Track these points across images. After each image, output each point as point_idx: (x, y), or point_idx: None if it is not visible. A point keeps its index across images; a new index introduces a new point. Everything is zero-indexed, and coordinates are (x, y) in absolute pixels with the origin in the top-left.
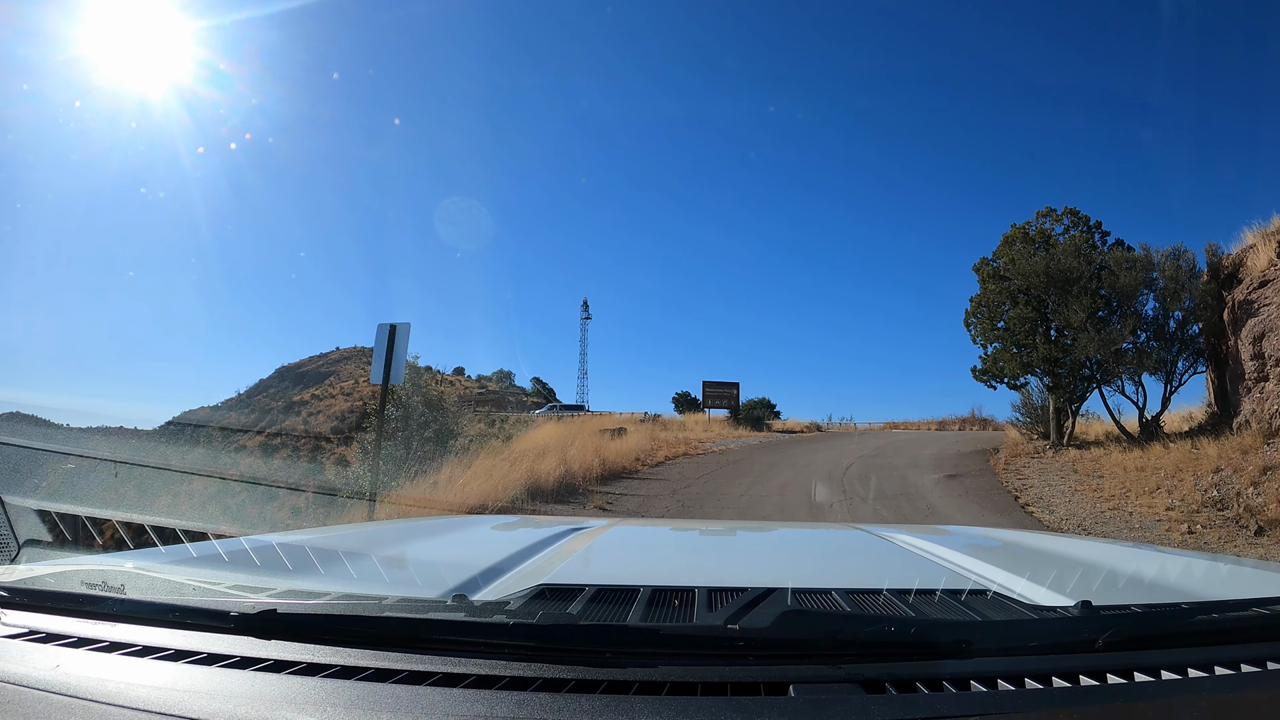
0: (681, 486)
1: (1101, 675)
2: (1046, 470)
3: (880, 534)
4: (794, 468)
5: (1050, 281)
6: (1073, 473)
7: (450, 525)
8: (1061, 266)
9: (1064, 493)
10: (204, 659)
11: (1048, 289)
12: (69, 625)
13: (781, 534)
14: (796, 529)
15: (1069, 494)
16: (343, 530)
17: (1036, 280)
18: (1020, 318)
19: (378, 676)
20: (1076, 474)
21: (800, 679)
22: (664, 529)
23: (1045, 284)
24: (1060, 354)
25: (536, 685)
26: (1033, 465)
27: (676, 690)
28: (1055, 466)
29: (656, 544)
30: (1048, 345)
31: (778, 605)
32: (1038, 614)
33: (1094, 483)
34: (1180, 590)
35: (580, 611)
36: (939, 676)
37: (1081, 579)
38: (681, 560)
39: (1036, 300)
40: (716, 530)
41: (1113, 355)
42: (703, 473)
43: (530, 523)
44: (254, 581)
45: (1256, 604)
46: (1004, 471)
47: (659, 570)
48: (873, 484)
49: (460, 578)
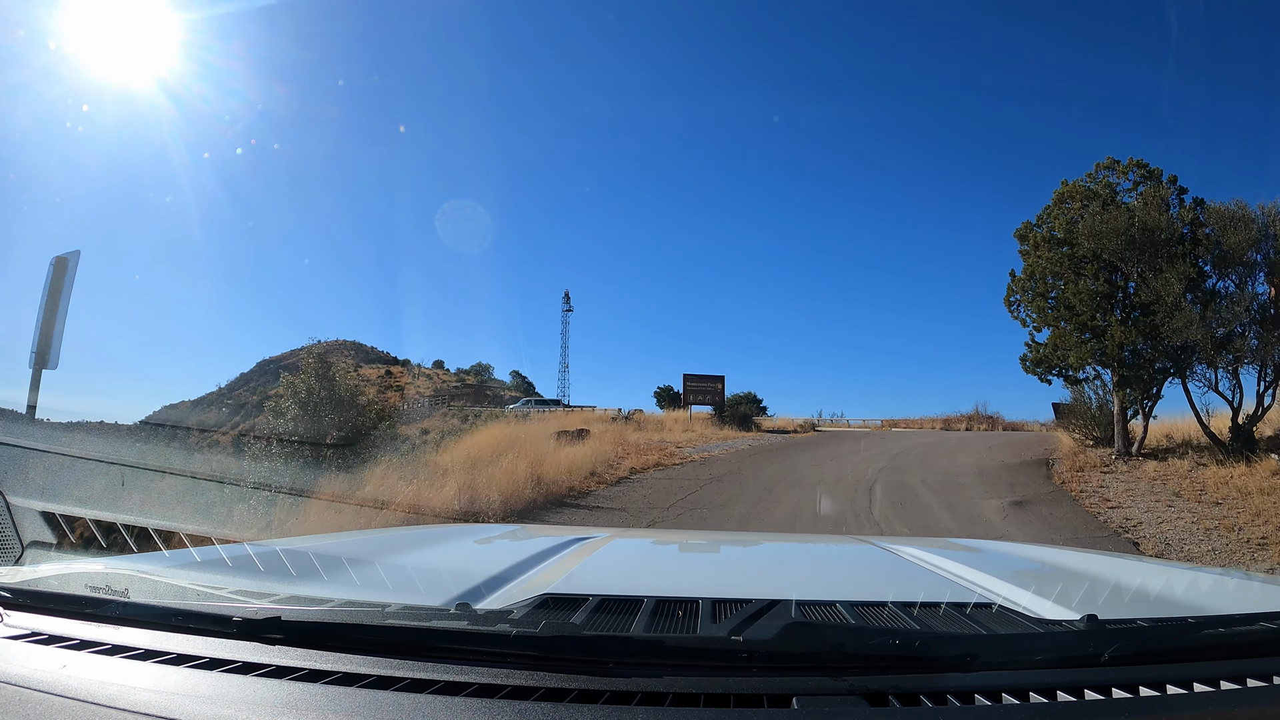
0: (644, 523)
1: (1107, 690)
2: (1134, 490)
3: (886, 547)
4: (799, 487)
5: (1130, 245)
6: (1173, 495)
7: (454, 533)
8: (1147, 225)
9: (1184, 528)
10: (206, 663)
11: (1126, 254)
12: (72, 628)
13: (786, 546)
14: (802, 541)
15: (1190, 528)
16: (347, 537)
17: (1112, 243)
18: (1086, 294)
19: (380, 684)
20: (1180, 497)
21: (803, 691)
22: (669, 539)
23: (1124, 248)
24: (1139, 338)
25: (539, 695)
26: (1110, 483)
27: (679, 701)
28: (1142, 485)
29: (661, 555)
30: (1125, 328)
31: (782, 617)
32: (1043, 627)
33: (1214, 512)
34: (1187, 604)
35: (584, 621)
36: (943, 690)
37: (1087, 593)
38: (686, 571)
39: (1109, 270)
40: (722, 541)
41: (1213, 341)
42: (676, 497)
43: (534, 532)
44: (257, 587)
45: (1264, 618)
46: (1081, 494)
47: (663, 581)
48: (915, 513)
49: (464, 586)
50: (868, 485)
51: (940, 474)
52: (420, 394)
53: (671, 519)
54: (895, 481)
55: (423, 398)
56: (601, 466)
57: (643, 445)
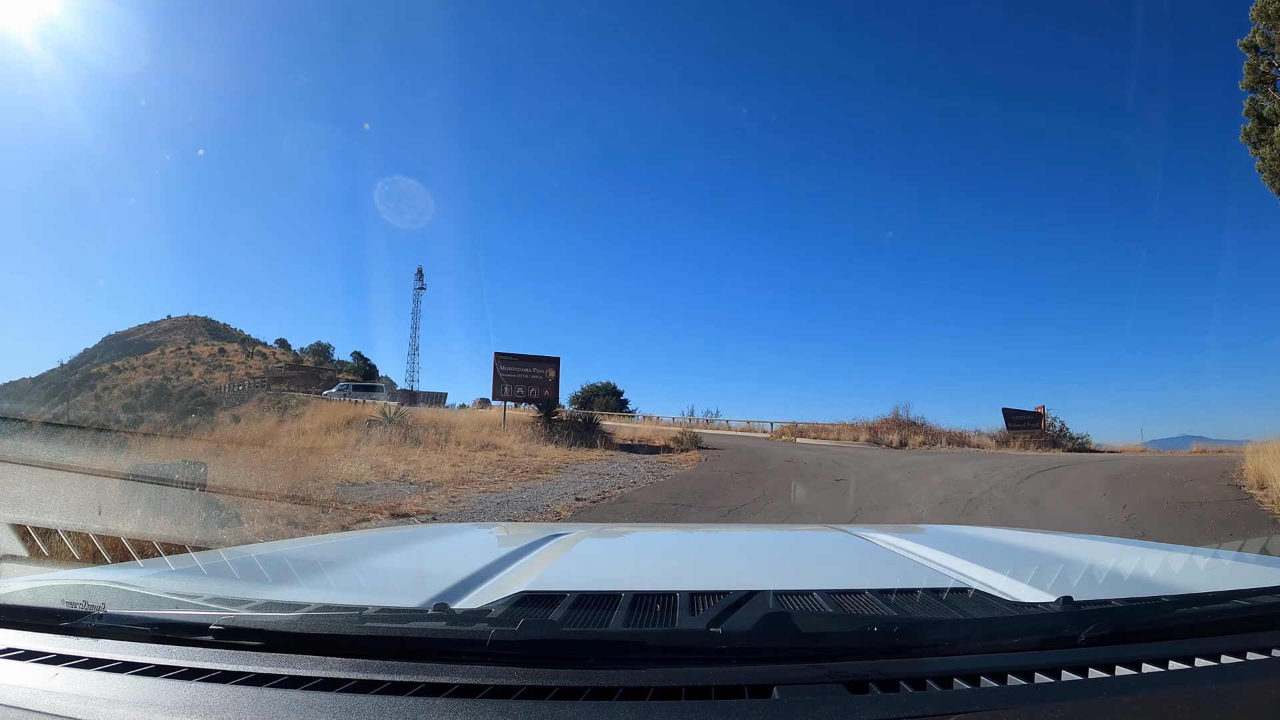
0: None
1: (1084, 670)
2: None
3: (861, 535)
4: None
5: None
6: None
7: (430, 533)
8: None
9: None
10: (184, 673)
11: None
12: (46, 642)
13: (762, 536)
14: (777, 531)
15: None
16: (322, 540)
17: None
18: None
19: (360, 687)
20: None
21: (784, 680)
22: (645, 534)
23: None
24: None
25: (520, 693)
26: None
27: (661, 695)
28: None
29: (637, 549)
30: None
31: (760, 607)
32: (1019, 611)
33: None
34: (1161, 584)
35: (562, 618)
36: (922, 675)
37: (1062, 575)
38: (663, 565)
39: None
40: (697, 534)
41: None
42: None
43: (511, 530)
44: (233, 593)
45: (1236, 595)
46: None
47: (640, 575)
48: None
49: (441, 586)
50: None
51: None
52: (250, 375)
53: None
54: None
55: (251, 379)
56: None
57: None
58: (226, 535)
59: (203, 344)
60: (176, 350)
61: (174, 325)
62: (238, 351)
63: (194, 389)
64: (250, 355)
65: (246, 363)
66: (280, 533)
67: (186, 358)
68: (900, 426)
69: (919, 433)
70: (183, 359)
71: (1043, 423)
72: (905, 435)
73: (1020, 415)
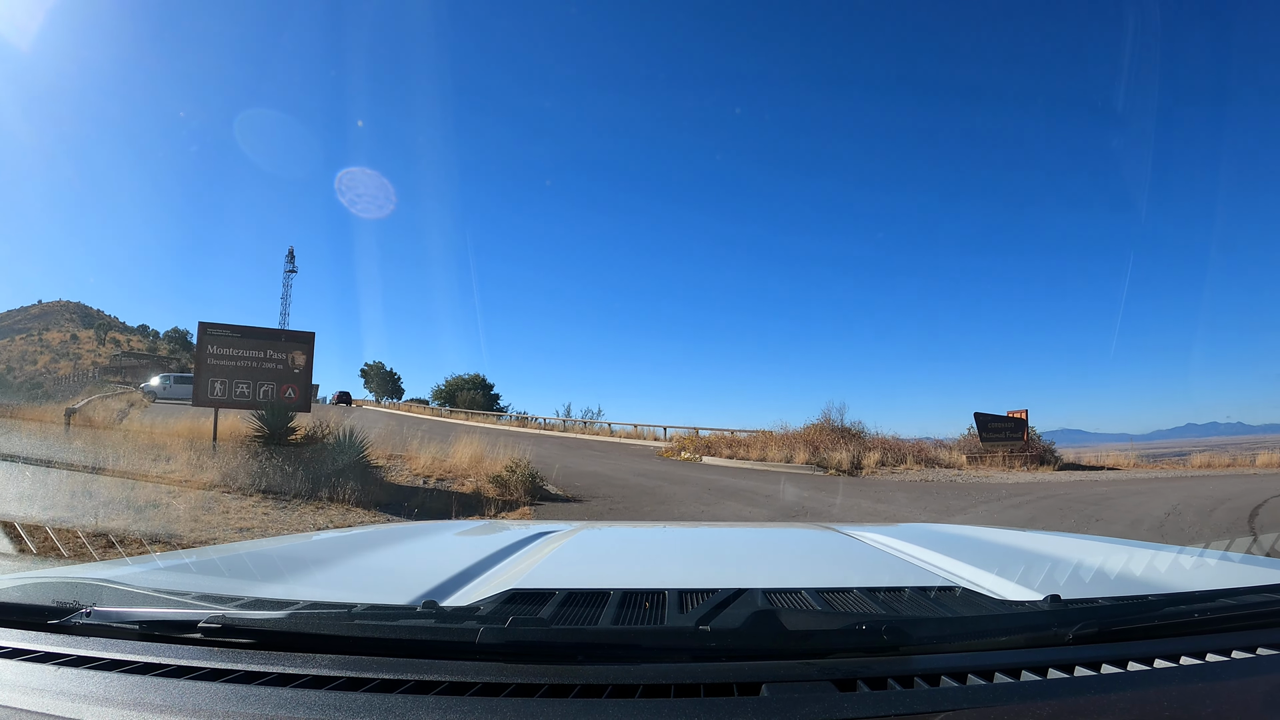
0: None
1: (1070, 668)
2: None
3: (850, 533)
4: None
5: None
6: None
7: (419, 531)
8: None
9: None
10: (173, 672)
11: None
12: (34, 640)
13: (751, 534)
14: (766, 529)
15: None
16: (312, 538)
17: None
18: None
19: (349, 685)
20: None
21: (773, 678)
22: (634, 532)
23: None
24: None
25: (509, 691)
26: None
27: (650, 692)
28: None
29: (626, 547)
30: None
31: (749, 605)
32: (1006, 609)
33: None
34: (1147, 583)
35: (551, 615)
36: (910, 673)
37: (1049, 574)
38: (652, 563)
39: None
40: (687, 532)
41: None
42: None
43: (499, 527)
44: (222, 590)
45: (1223, 595)
46: None
47: (629, 573)
48: None
49: (430, 583)
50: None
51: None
52: (97, 364)
53: None
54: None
55: (98, 368)
56: None
57: None
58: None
59: (57, 330)
60: (26, 337)
61: (44, 311)
62: (90, 339)
63: (34, 379)
64: (103, 343)
65: (97, 350)
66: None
67: (36, 345)
68: (842, 437)
69: (872, 447)
70: (31, 346)
71: (1025, 432)
72: (857, 452)
73: (998, 422)
